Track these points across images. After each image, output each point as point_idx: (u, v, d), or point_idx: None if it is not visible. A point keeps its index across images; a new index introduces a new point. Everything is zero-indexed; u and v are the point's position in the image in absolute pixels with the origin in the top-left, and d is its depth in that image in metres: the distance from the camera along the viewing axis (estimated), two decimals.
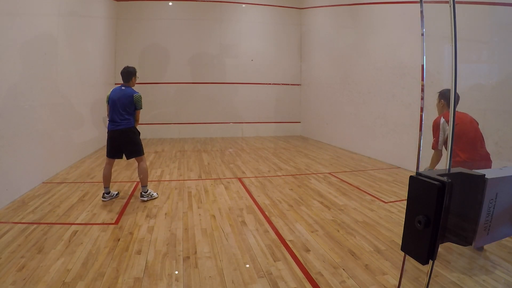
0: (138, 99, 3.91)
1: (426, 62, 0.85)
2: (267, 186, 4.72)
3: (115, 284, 2.22)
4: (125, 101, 3.86)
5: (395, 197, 4.24)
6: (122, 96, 3.87)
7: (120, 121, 3.87)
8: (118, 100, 3.87)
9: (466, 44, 4.15)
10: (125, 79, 3.96)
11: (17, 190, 4.05)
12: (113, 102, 3.88)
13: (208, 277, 2.34)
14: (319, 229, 3.22)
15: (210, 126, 10.12)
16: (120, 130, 3.88)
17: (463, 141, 2.78)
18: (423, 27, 0.82)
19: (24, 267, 2.39)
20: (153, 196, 4.11)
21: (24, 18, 4.31)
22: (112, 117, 3.90)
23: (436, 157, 2.95)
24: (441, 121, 2.86)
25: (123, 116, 3.87)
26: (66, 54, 5.83)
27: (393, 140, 6.31)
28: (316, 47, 9.71)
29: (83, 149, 6.73)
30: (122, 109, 3.86)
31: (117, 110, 3.87)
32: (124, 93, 3.88)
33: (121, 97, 3.87)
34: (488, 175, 0.67)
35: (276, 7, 10.30)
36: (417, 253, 0.70)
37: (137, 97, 3.90)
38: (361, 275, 2.37)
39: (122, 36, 9.37)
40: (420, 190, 0.69)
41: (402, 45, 5.94)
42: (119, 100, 3.86)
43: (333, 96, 8.62)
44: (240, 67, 10.14)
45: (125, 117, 3.88)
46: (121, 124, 3.87)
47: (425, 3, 0.82)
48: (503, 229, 0.72)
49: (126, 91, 3.90)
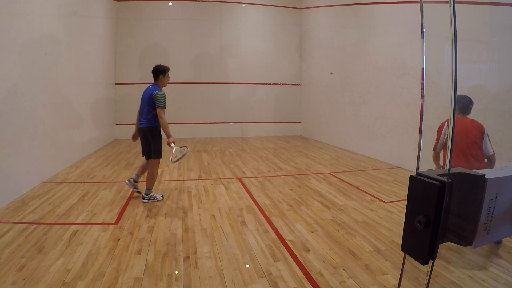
0: (157, 95, 3.74)
1: (426, 62, 0.86)
2: (267, 186, 4.72)
3: (115, 284, 2.22)
4: (148, 99, 3.80)
5: (395, 197, 4.24)
6: (146, 94, 3.84)
7: (143, 119, 3.86)
8: (143, 99, 3.87)
9: (466, 44, 4.15)
10: (154, 78, 3.90)
11: (17, 190, 4.05)
12: (141, 101, 3.90)
13: (208, 277, 2.34)
14: (319, 229, 3.22)
15: (210, 126, 10.11)
16: (141, 128, 3.87)
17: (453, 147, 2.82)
18: (423, 27, 0.82)
19: (24, 267, 2.39)
20: (156, 198, 4.02)
21: (24, 18, 4.31)
22: (140, 115, 3.92)
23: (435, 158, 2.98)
24: (445, 125, 2.92)
25: (146, 115, 3.83)
26: (66, 54, 5.84)
27: (393, 140, 6.30)
28: (316, 47, 9.71)
29: (83, 149, 6.73)
30: (145, 108, 3.83)
31: (142, 109, 3.87)
32: (149, 92, 3.83)
33: (146, 96, 3.84)
34: (488, 175, 0.67)
35: (276, 7, 10.30)
36: (417, 253, 0.70)
37: (156, 94, 3.75)
38: (361, 275, 2.37)
39: (122, 36, 9.36)
40: (420, 190, 0.69)
41: (402, 45, 5.94)
42: (143, 99, 3.86)
43: (333, 96, 8.62)
44: (240, 67, 10.14)
45: (147, 116, 3.82)
46: (142, 123, 3.86)
47: (425, 3, 0.82)
48: (503, 229, 0.72)
49: (151, 89, 3.83)
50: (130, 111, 9.55)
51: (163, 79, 3.89)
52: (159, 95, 3.75)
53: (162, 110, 3.76)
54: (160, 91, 3.79)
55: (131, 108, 9.47)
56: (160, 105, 3.74)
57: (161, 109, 3.75)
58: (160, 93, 3.77)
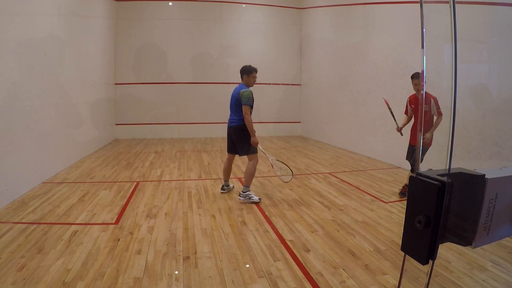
0: (243, 94, 3.89)
1: (426, 62, 0.85)
2: (267, 186, 4.71)
3: (115, 284, 2.22)
4: (235, 98, 3.99)
5: (395, 197, 4.24)
6: (233, 93, 4.05)
7: (233, 118, 4.05)
8: (231, 98, 4.07)
9: (466, 44, 4.15)
10: (241, 77, 4.12)
11: (17, 190, 4.05)
12: (230, 100, 4.09)
13: (208, 277, 2.34)
14: (319, 229, 3.22)
15: (210, 126, 10.11)
16: (231, 127, 4.07)
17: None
18: (423, 27, 0.82)
19: (24, 267, 2.39)
20: (252, 199, 3.93)
21: (24, 18, 4.31)
22: (230, 113, 4.12)
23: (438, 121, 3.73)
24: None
25: (235, 114, 4.02)
26: (66, 54, 5.84)
27: (393, 140, 6.30)
28: (316, 47, 9.71)
29: (83, 149, 6.73)
30: (233, 107, 4.03)
31: (231, 108, 4.08)
32: (235, 91, 4.03)
33: (233, 95, 4.05)
34: (488, 175, 0.67)
35: (276, 7, 10.30)
36: (417, 253, 0.70)
37: (242, 92, 3.90)
38: (361, 275, 2.37)
39: (122, 36, 9.36)
40: (420, 190, 0.69)
41: (402, 45, 5.94)
42: (231, 98, 4.07)
43: (333, 96, 8.62)
44: (240, 67, 10.12)
45: (235, 115, 4.01)
46: (232, 122, 4.05)
47: (425, 3, 0.82)
48: (503, 229, 0.72)
49: (238, 88, 4.02)
50: (130, 111, 9.63)
51: (247, 79, 4.06)
52: (245, 93, 3.90)
53: (247, 108, 3.90)
54: (246, 89, 3.95)
55: (131, 108, 9.57)
56: (244, 102, 3.89)
57: (246, 107, 3.89)
58: (246, 91, 3.91)
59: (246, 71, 4.06)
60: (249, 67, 4.09)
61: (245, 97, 3.87)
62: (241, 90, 3.93)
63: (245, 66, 4.11)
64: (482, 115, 4.26)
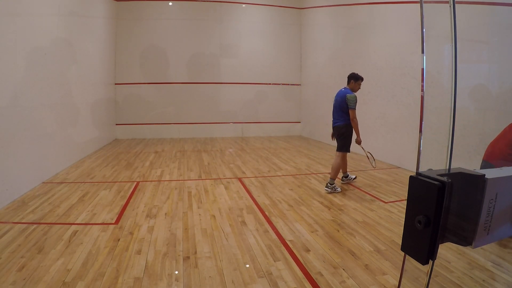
0: (349, 98, 4.28)
1: (426, 62, 0.85)
2: (267, 186, 4.72)
3: (115, 284, 2.22)
4: (340, 101, 4.38)
5: (395, 197, 4.24)
6: (339, 96, 4.44)
7: (337, 119, 4.49)
8: (336, 101, 4.47)
9: (466, 44, 4.15)
10: (347, 81, 4.51)
11: (17, 190, 4.05)
12: (334, 102, 4.51)
13: (208, 277, 2.34)
14: (319, 229, 3.22)
15: (210, 126, 10.12)
16: (337, 126, 4.50)
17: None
18: (423, 27, 0.82)
19: (24, 267, 2.39)
20: (336, 190, 4.38)
21: (24, 18, 4.31)
22: (333, 114, 4.56)
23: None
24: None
25: (338, 114, 4.45)
26: (66, 54, 5.84)
27: (393, 140, 6.31)
28: (316, 47, 9.70)
29: (83, 149, 6.73)
30: (338, 108, 4.43)
31: (336, 109, 4.48)
32: (341, 94, 4.42)
33: (338, 98, 4.45)
34: (488, 175, 0.67)
35: (276, 7, 10.30)
36: (417, 253, 0.70)
37: (348, 97, 4.28)
38: (361, 275, 2.37)
39: (122, 36, 9.37)
40: (420, 190, 0.69)
41: (402, 45, 5.94)
42: (336, 101, 4.47)
43: (333, 96, 8.59)
44: (240, 67, 10.14)
45: (340, 115, 4.43)
46: (338, 121, 4.48)
47: (425, 3, 0.82)
48: (503, 229, 0.72)
49: (343, 92, 4.40)
50: (130, 111, 9.64)
51: (353, 84, 4.44)
52: (351, 98, 4.29)
53: (353, 111, 4.31)
54: (351, 94, 4.32)
55: (131, 108, 9.58)
56: (351, 106, 4.29)
57: (352, 110, 4.30)
58: (351, 96, 4.30)
59: (355, 77, 4.43)
60: (358, 75, 4.44)
61: (352, 101, 4.28)
62: (347, 94, 4.30)
63: (354, 73, 4.46)
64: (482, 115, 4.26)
